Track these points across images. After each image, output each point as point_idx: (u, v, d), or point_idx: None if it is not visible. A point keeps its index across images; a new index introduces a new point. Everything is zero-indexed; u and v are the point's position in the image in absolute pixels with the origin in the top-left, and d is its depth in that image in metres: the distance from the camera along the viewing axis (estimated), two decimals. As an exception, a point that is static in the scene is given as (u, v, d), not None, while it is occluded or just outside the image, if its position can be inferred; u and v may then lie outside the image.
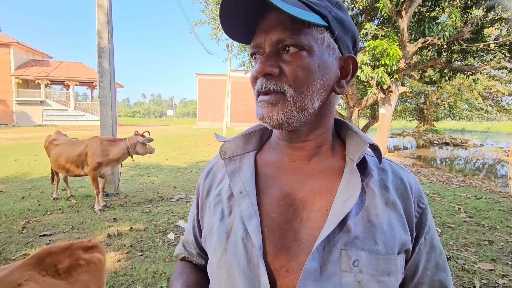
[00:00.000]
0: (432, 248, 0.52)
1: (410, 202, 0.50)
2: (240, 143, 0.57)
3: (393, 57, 7.95)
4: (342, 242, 0.44)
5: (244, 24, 0.48)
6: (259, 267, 0.45)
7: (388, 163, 0.54)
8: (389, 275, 0.44)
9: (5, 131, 19.94)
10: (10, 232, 2.98)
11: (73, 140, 4.14)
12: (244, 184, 0.51)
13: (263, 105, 0.48)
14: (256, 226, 0.47)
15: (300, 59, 0.46)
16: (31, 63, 30.09)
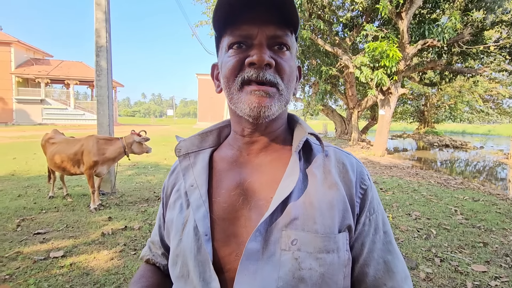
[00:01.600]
0: (377, 230, 0.54)
1: (351, 183, 0.53)
2: (196, 142, 0.60)
3: (393, 58, 7.96)
4: (282, 224, 0.47)
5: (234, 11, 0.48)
6: (207, 253, 0.47)
7: (333, 150, 0.58)
8: (327, 252, 0.47)
9: (4, 129, 19.97)
10: (5, 230, 2.97)
11: (69, 138, 4.14)
12: (196, 178, 0.54)
13: (260, 94, 0.48)
14: (203, 215, 0.50)
15: (288, 57, 0.50)
16: (32, 62, 30.12)
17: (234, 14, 0.48)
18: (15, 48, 28.83)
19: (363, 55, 8.65)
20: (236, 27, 0.49)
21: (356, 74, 8.97)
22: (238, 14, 0.48)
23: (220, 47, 0.55)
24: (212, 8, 11.26)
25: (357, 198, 0.53)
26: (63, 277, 2.14)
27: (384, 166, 8.12)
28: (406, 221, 3.55)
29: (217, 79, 0.59)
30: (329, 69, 10.66)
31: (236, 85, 0.49)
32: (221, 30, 0.52)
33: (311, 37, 9.58)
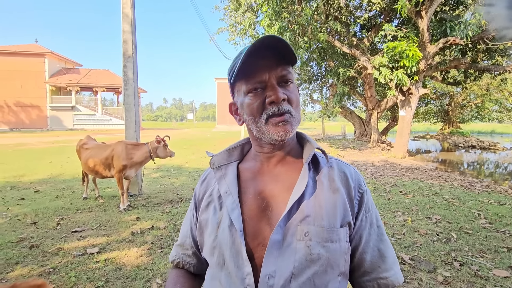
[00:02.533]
0: (372, 225, 0.68)
1: (351, 189, 0.66)
2: (225, 156, 0.73)
3: (413, 58, 7.78)
4: (298, 220, 0.61)
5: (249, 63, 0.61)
6: (241, 245, 0.60)
7: (336, 161, 0.72)
8: (332, 242, 0.60)
9: (40, 135, 21.41)
10: (47, 228, 3.30)
11: (101, 144, 4.48)
12: (229, 186, 0.67)
13: (283, 124, 0.62)
14: (238, 215, 0.63)
15: (294, 89, 0.65)
16: (63, 71, 32.11)
17: (249, 66, 0.61)
18: (49, 59, 30.87)
19: (382, 56, 8.52)
20: (251, 75, 0.62)
21: (375, 75, 8.84)
22: (252, 65, 0.61)
23: (235, 90, 0.68)
24: (230, 15, 11.55)
25: (356, 200, 0.66)
26: (99, 271, 2.37)
27: (405, 169, 7.93)
28: (425, 225, 3.51)
29: (236, 113, 0.72)
30: (347, 70, 10.56)
31: (263, 120, 0.62)
32: (237, 78, 0.65)
33: (327, 39, 9.57)
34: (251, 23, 10.04)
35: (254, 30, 10.50)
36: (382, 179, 6.36)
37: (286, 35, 8.74)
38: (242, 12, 10.56)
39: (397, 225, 3.51)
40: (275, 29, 8.60)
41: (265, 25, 8.87)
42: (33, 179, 6.03)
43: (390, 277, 0.65)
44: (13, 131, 26.49)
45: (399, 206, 4.31)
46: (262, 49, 0.59)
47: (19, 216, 3.66)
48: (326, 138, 19.68)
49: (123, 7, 5.02)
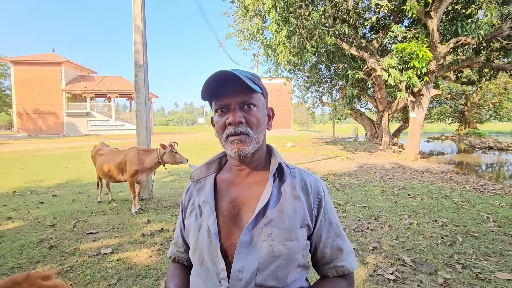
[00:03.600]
0: (330, 223, 0.81)
1: (310, 195, 0.79)
2: (204, 170, 0.86)
3: (423, 59, 7.70)
4: (263, 224, 0.73)
5: (211, 90, 0.74)
6: (216, 246, 0.73)
7: (299, 171, 0.84)
8: (291, 241, 0.73)
9: (57, 140, 22.26)
10: (63, 230, 3.50)
11: (114, 150, 4.70)
12: (206, 196, 0.80)
13: (236, 142, 0.73)
14: (213, 221, 0.76)
15: (254, 112, 0.75)
16: (79, 79, 33.35)
17: (217, 91, 0.73)
18: (65, 67, 32.15)
19: (391, 57, 8.46)
20: (219, 98, 0.75)
21: (384, 77, 8.77)
22: (220, 90, 0.73)
23: (212, 107, 0.80)
24: (239, 21, 11.76)
25: (314, 205, 0.79)
26: (112, 270, 2.52)
27: (416, 171, 7.82)
28: (431, 228, 3.51)
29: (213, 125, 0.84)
30: (355, 72, 10.52)
31: (224, 138, 0.75)
32: (211, 98, 0.77)
33: (335, 42, 9.58)
34: (259, 28, 10.18)
35: (262, 35, 10.64)
36: (391, 182, 6.31)
37: (294, 40, 8.82)
38: (249, 17, 10.73)
39: (402, 228, 3.52)
40: (282, 33, 8.70)
41: (273, 30, 8.99)
42: (51, 184, 6.34)
43: (346, 265, 0.80)
44: (31, 137, 27.64)
45: (405, 209, 4.29)
46: (226, 77, 0.70)
47: (38, 218, 3.89)
48: (337, 141, 19.52)
49: (134, 20, 5.26)
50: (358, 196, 5.05)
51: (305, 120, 69.07)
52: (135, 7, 5.17)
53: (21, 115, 31.83)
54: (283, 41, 8.85)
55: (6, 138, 25.68)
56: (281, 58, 9.10)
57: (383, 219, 3.84)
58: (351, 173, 7.50)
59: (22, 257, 2.72)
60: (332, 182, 6.34)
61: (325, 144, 17.14)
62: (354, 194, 5.20)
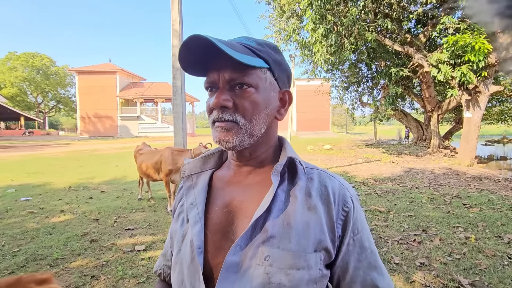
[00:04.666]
0: (362, 249, 0.57)
1: (332, 206, 0.56)
2: (199, 164, 0.67)
3: (480, 51, 6.83)
4: (260, 240, 0.52)
5: (198, 62, 0.57)
6: (198, 265, 0.54)
7: (318, 172, 0.61)
8: (297, 269, 0.51)
9: (111, 141, 24.43)
10: (105, 225, 3.74)
11: (153, 150, 4.93)
12: (195, 197, 0.61)
13: (219, 130, 0.55)
14: (199, 231, 0.57)
15: (249, 94, 0.55)
16: (131, 85, 36.39)
17: (203, 63, 0.56)
18: (119, 75, 35.38)
19: (441, 52, 7.66)
20: (207, 74, 0.57)
21: (433, 73, 7.97)
22: (207, 62, 0.56)
23: None
24: (275, 23, 11.71)
25: (339, 220, 0.56)
26: (143, 268, 2.59)
27: (472, 178, 6.92)
28: (494, 245, 3.01)
29: None
30: (399, 70, 9.74)
31: (210, 123, 0.58)
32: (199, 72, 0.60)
33: (377, 38, 8.99)
34: (295, 28, 10.01)
35: (299, 35, 10.45)
36: (442, 189, 5.66)
37: (331, 37, 8.49)
38: (286, 18, 10.61)
39: (456, 242, 3.09)
40: (319, 32, 8.43)
41: (309, 29, 8.76)
42: (101, 181, 6.90)
43: None
44: (91, 139, 30.74)
45: (460, 221, 3.78)
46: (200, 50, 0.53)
47: (86, 213, 4.22)
48: (379, 143, 18.35)
49: (172, 24, 5.50)
50: (402, 204, 4.60)
51: (344, 122, 66.47)
52: (173, 12, 5.41)
53: (83, 118, 35.79)
54: (320, 39, 8.57)
55: (71, 139, 28.99)
56: (318, 57, 8.81)
57: (432, 231, 3.41)
58: (395, 178, 6.91)
59: (66, 249, 2.94)
60: (373, 187, 5.89)
61: (365, 146, 16.22)
62: (398, 201, 4.76)
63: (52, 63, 43.69)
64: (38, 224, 3.72)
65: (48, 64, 42.89)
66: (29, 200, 4.98)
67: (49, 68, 43.13)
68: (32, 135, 35.15)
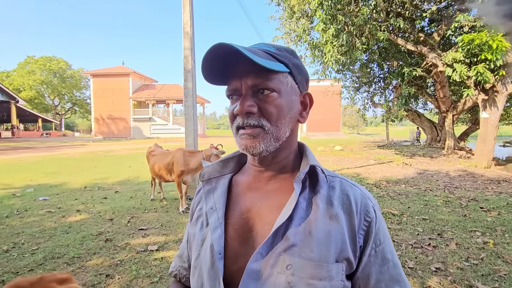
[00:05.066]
0: (384, 261, 0.56)
1: (353, 216, 0.56)
2: (218, 168, 0.67)
3: (497, 50, 6.61)
4: (281, 249, 0.52)
5: (219, 70, 0.57)
6: (218, 270, 0.55)
7: (339, 181, 0.61)
8: (319, 280, 0.51)
9: (125, 142, 24.93)
10: (119, 224, 3.83)
11: (165, 151, 5.01)
12: (215, 201, 0.62)
13: (245, 137, 0.56)
14: (219, 236, 0.57)
15: (273, 99, 0.56)
16: (143, 88, 37.08)
17: (223, 71, 0.57)
18: (132, 78, 36.12)
19: (456, 50, 7.46)
20: (228, 82, 0.58)
21: (448, 73, 7.77)
22: (227, 70, 0.56)
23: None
24: (285, 23, 11.70)
25: (361, 230, 0.56)
26: (156, 267, 2.64)
27: (489, 180, 6.70)
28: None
29: None
30: (412, 70, 9.54)
31: (234, 130, 0.59)
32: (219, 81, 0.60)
33: (389, 37, 8.84)
34: (305, 29, 9.96)
35: (309, 36, 10.40)
36: (458, 192, 5.51)
37: (342, 37, 8.41)
38: (296, 19, 10.58)
39: (474, 247, 3.00)
40: (330, 32, 8.36)
41: (320, 30, 8.71)
42: (115, 181, 7.06)
43: None
44: (105, 140, 31.44)
45: (478, 225, 3.67)
46: (231, 55, 0.53)
47: (101, 212, 4.33)
48: (391, 145, 18.00)
49: (184, 27, 5.57)
50: (416, 207, 4.51)
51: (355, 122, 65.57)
52: (185, 15, 5.48)
53: (98, 120, 36.73)
54: (331, 40, 8.50)
55: (86, 140, 29.75)
56: (329, 57, 8.74)
57: (448, 235, 3.33)
58: (408, 180, 6.77)
59: (82, 248, 3.03)
60: (385, 189, 5.79)
61: (377, 148, 15.94)
62: (411, 204, 4.66)
63: (68, 67, 45.07)
64: (55, 223, 3.84)
65: (64, 67, 44.27)
66: (47, 199, 5.15)
67: (65, 71, 44.52)
68: (50, 136, 36.30)
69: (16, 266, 2.64)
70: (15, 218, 4.06)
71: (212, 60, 0.54)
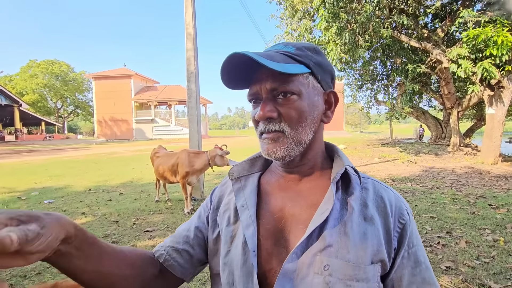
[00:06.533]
0: (417, 263, 0.55)
1: (388, 218, 0.56)
2: (246, 166, 0.67)
3: (503, 45, 6.53)
4: (317, 249, 0.52)
5: (241, 76, 0.58)
6: (252, 267, 0.54)
7: (372, 182, 0.61)
8: (357, 281, 0.50)
9: (127, 144, 25.02)
10: (125, 226, 3.82)
11: (169, 152, 5.00)
12: (246, 199, 0.61)
13: (267, 142, 0.57)
14: (252, 233, 0.57)
15: (292, 102, 0.55)
16: (145, 89, 37.20)
17: (244, 77, 0.58)
18: (134, 79, 36.23)
19: (460, 46, 7.39)
20: (250, 86, 0.59)
21: (452, 69, 7.69)
22: (246, 75, 0.57)
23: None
24: (287, 22, 11.67)
25: (395, 233, 0.55)
26: (163, 268, 2.62)
27: (497, 177, 6.62)
28: (524, 247, 2.87)
29: None
30: (416, 66, 9.47)
31: (258, 135, 0.59)
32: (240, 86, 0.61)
33: (392, 35, 8.78)
34: (307, 28, 9.92)
35: (311, 35, 10.35)
36: (465, 189, 5.45)
37: (345, 36, 8.36)
38: (298, 18, 10.54)
39: (484, 245, 2.96)
40: (332, 31, 8.32)
41: (322, 28, 8.66)
42: (119, 183, 7.07)
43: None
44: (108, 142, 31.59)
45: (487, 222, 3.62)
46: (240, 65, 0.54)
47: (106, 215, 4.33)
48: (395, 142, 17.89)
49: (186, 28, 5.56)
50: (424, 205, 4.46)
51: (358, 121, 65.36)
52: (187, 16, 5.47)
53: (100, 122, 36.89)
54: (333, 38, 8.45)
55: (89, 142, 29.92)
56: (332, 56, 8.69)
57: (457, 233, 3.28)
58: (414, 178, 6.71)
59: (89, 250, 3.02)
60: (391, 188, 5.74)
61: (381, 146, 15.85)
62: (418, 202, 4.61)
63: (70, 70, 45.38)
64: (61, 225, 3.83)
65: (66, 70, 44.57)
66: (52, 202, 5.16)
67: (67, 75, 44.81)
68: (53, 139, 36.56)
69: (24, 269, 2.63)
70: (21, 221, 4.06)
71: (230, 69, 0.55)
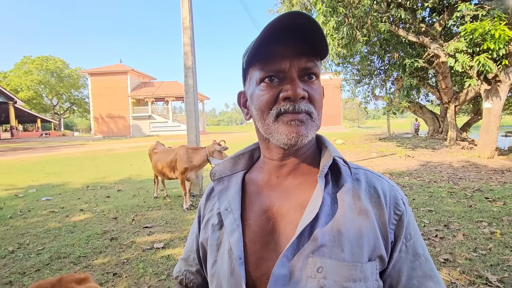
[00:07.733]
0: (416, 256, 0.52)
1: (383, 209, 0.51)
2: (229, 165, 0.62)
3: (500, 39, 6.54)
4: (309, 250, 0.48)
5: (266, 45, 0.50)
6: (240, 276, 0.50)
7: (364, 172, 0.57)
8: (354, 282, 0.46)
9: (124, 141, 24.88)
10: (124, 223, 3.81)
11: (167, 149, 4.98)
12: (230, 202, 0.57)
13: (296, 124, 0.50)
14: (237, 239, 0.52)
15: (317, 85, 0.52)
16: (142, 85, 36.85)
17: (266, 49, 0.50)
18: (130, 75, 35.86)
19: (458, 40, 7.38)
20: (268, 61, 0.50)
21: (450, 63, 7.69)
22: (271, 48, 0.50)
23: (248, 78, 0.56)
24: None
25: (391, 225, 0.51)
26: (163, 265, 2.62)
27: (493, 170, 6.68)
28: (521, 240, 2.90)
29: (244, 106, 0.60)
30: (414, 61, 9.46)
31: (272, 117, 0.51)
32: (251, 62, 0.54)
33: (390, 29, 8.75)
34: (305, 22, 9.85)
35: (308, 29, 10.28)
36: (462, 183, 5.49)
37: (342, 30, 8.31)
38: (295, 12, 10.45)
39: (481, 238, 2.99)
40: (330, 25, 8.27)
41: (320, 22, 8.60)
42: (117, 180, 7.04)
43: None
44: (105, 139, 31.39)
45: (484, 215, 3.66)
46: (285, 30, 0.48)
47: (104, 211, 4.31)
48: (393, 137, 17.97)
49: (183, 22, 5.49)
50: (421, 198, 4.49)
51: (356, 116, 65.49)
52: (183, 10, 5.40)
53: (97, 119, 36.59)
54: (331, 33, 8.40)
55: (86, 139, 29.70)
56: (329, 51, 8.64)
57: (454, 226, 3.31)
58: (412, 172, 6.75)
59: (88, 247, 3.01)
60: (389, 182, 5.78)
61: (379, 140, 15.92)
62: (416, 196, 4.64)
63: (65, 66, 44.77)
64: (59, 223, 3.82)
65: (61, 66, 43.97)
66: (50, 199, 5.14)
67: (62, 71, 44.23)
68: (49, 136, 36.24)
69: (23, 266, 2.62)
70: (18, 219, 4.04)
71: (276, 30, 0.48)
